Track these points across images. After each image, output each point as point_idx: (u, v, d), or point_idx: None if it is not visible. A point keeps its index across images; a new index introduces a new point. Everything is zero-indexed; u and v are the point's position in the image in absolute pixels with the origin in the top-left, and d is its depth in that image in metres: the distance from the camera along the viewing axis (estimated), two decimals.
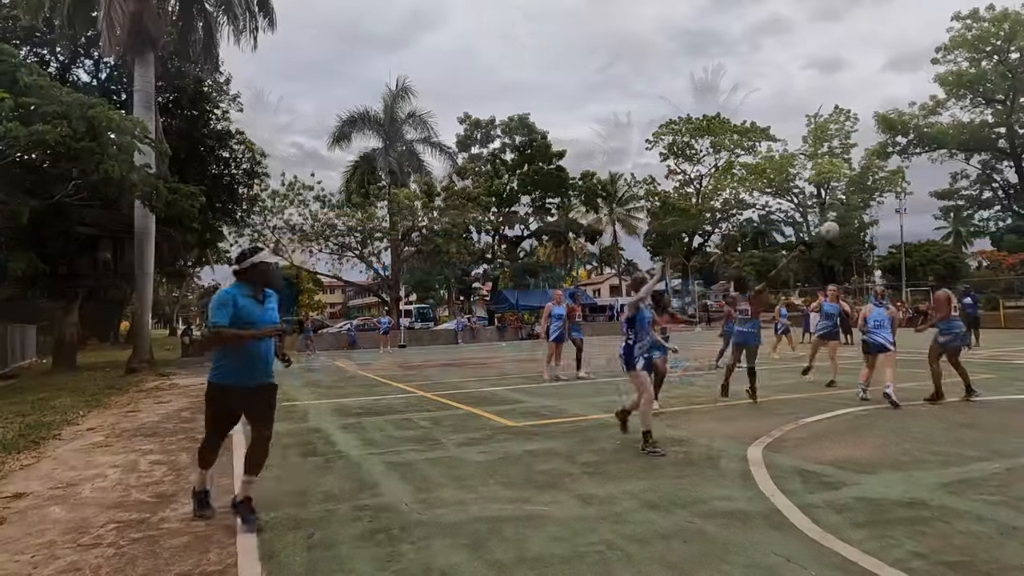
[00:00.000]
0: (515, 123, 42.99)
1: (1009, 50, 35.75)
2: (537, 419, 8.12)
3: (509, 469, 5.57)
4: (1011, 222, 42.39)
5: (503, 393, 11.00)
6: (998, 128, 37.37)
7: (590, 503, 4.50)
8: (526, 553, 3.61)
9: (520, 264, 48.25)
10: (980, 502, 4.27)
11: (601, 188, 48.04)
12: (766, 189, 46.71)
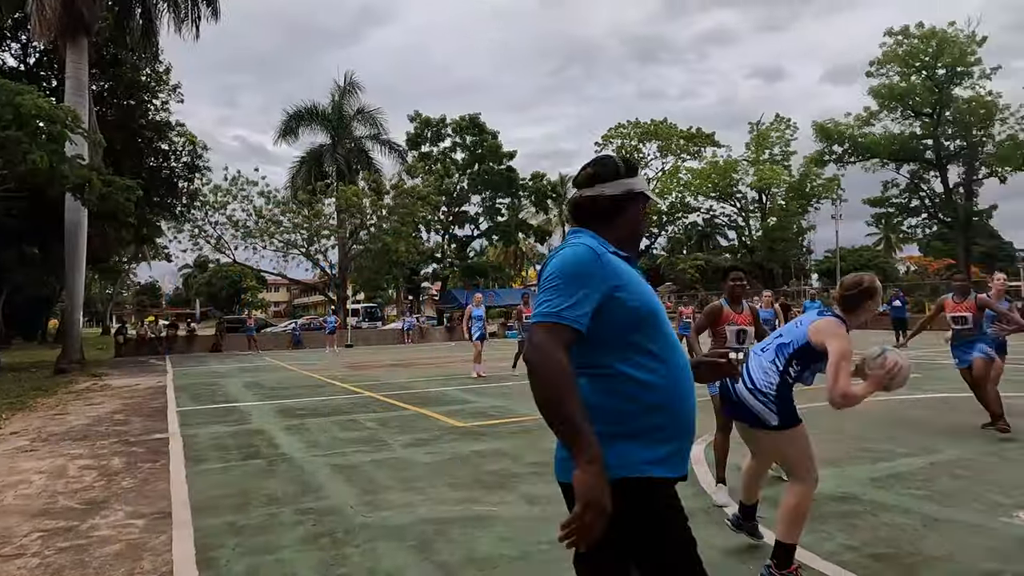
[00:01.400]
0: (466, 123, 42.82)
1: (936, 66, 37.65)
2: (485, 419, 8.12)
3: (457, 470, 5.55)
4: (936, 230, 44.67)
5: (451, 393, 10.95)
6: (925, 140, 39.28)
7: (537, 503, 4.52)
8: (474, 554, 3.61)
9: (470, 264, 48.14)
10: (907, 496, 4.48)
11: (551, 189, 48.36)
12: (711, 193, 47.84)
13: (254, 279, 61.02)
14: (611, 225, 1.84)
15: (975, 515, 4.03)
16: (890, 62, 38.79)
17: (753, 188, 46.62)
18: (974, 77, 37.66)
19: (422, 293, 52.58)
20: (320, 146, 38.78)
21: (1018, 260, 72.17)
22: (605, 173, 1.84)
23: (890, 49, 38.58)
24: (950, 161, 39.53)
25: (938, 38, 37.20)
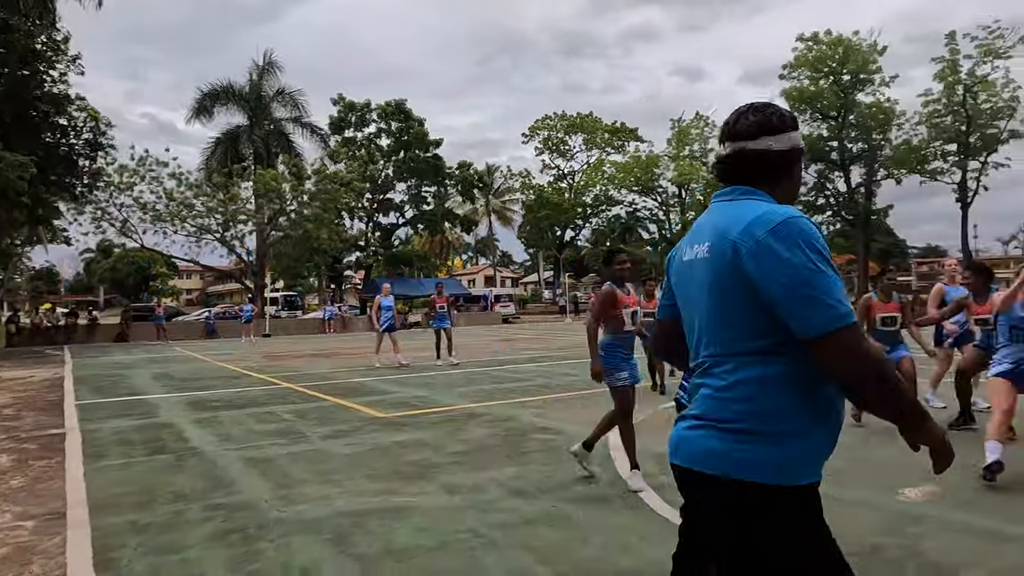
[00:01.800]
0: (392, 108, 41.99)
1: (842, 72, 39.94)
2: (407, 410, 8.05)
3: (376, 461, 5.47)
4: (840, 227, 47.58)
5: (373, 384, 10.78)
6: (832, 142, 41.66)
7: (457, 492, 4.52)
8: (392, 545, 3.57)
9: (395, 252, 47.45)
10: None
11: (478, 179, 48.22)
12: (633, 187, 49.05)
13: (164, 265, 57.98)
14: (777, 186, 1.59)
15: (866, 493, 4.32)
16: (801, 66, 40.82)
17: (673, 183, 48.09)
18: (875, 84, 40.20)
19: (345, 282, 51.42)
20: (237, 127, 37.17)
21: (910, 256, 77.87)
22: (774, 124, 1.58)
23: (801, 54, 40.58)
24: (853, 162, 42.08)
25: (844, 46, 39.42)
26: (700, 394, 1.56)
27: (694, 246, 1.63)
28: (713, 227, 1.55)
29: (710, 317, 1.54)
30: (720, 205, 1.60)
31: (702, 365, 1.57)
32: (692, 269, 1.62)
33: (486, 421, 7.20)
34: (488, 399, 8.81)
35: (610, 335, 4.63)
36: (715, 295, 1.52)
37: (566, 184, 51.98)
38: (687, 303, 1.68)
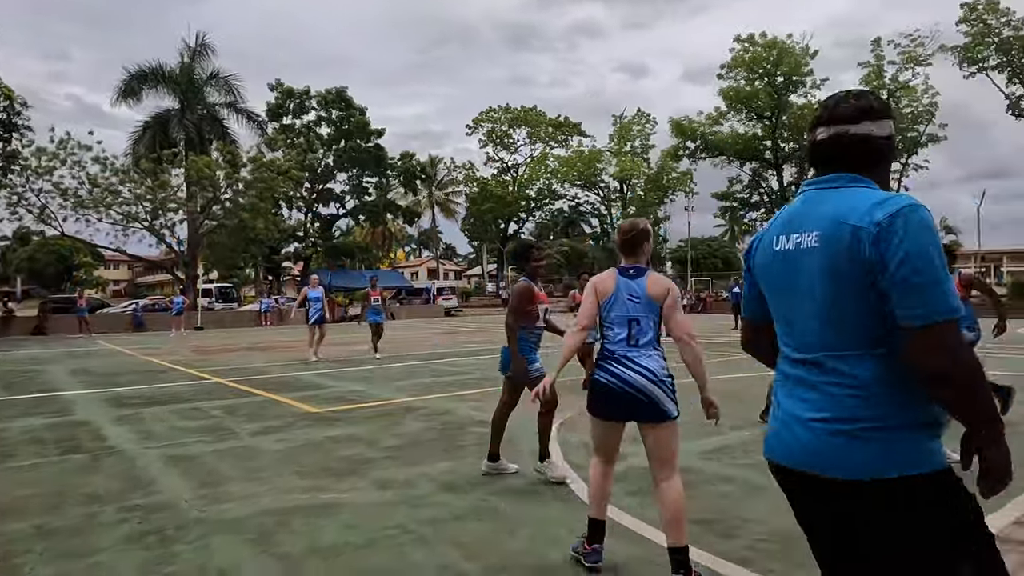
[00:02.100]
0: (332, 96, 41.07)
1: (776, 74, 41.35)
2: (342, 404, 7.90)
3: (307, 457, 5.34)
4: None
5: (308, 378, 10.55)
6: (766, 141, 43.14)
7: (389, 488, 4.46)
8: (318, 543, 3.49)
9: (335, 244, 46.56)
10: (731, 466, 4.91)
11: (421, 170, 47.82)
12: (576, 181, 49.58)
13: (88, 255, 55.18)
14: (875, 172, 1.53)
15: None
16: (738, 67, 42.03)
17: (615, 178, 48.85)
18: (807, 86, 41.79)
19: (283, 273, 50.16)
20: (167, 111, 35.61)
21: None
22: (875, 109, 1.53)
23: (738, 55, 41.78)
24: (785, 161, 43.66)
25: (778, 48, 40.80)
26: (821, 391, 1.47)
27: (791, 235, 1.56)
28: (823, 214, 1.49)
29: (823, 307, 1.48)
30: (824, 192, 1.53)
31: (810, 358, 1.51)
32: (790, 259, 1.56)
33: (423, 415, 7.14)
34: (426, 393, 8.74)
35: (522, 331, 4.54)
36: (831, 284, 1.45)
37: (510, 177, 52.08)
38: (780, 293, 1.62)
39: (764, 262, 1.66)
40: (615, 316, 3.14)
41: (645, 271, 3.17)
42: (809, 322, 1.52)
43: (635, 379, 3.05)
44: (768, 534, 3.51)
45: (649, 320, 3.13)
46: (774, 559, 3.19)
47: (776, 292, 1.64)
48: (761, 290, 1.71)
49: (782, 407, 1.57)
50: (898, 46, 37.13)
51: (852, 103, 1.54)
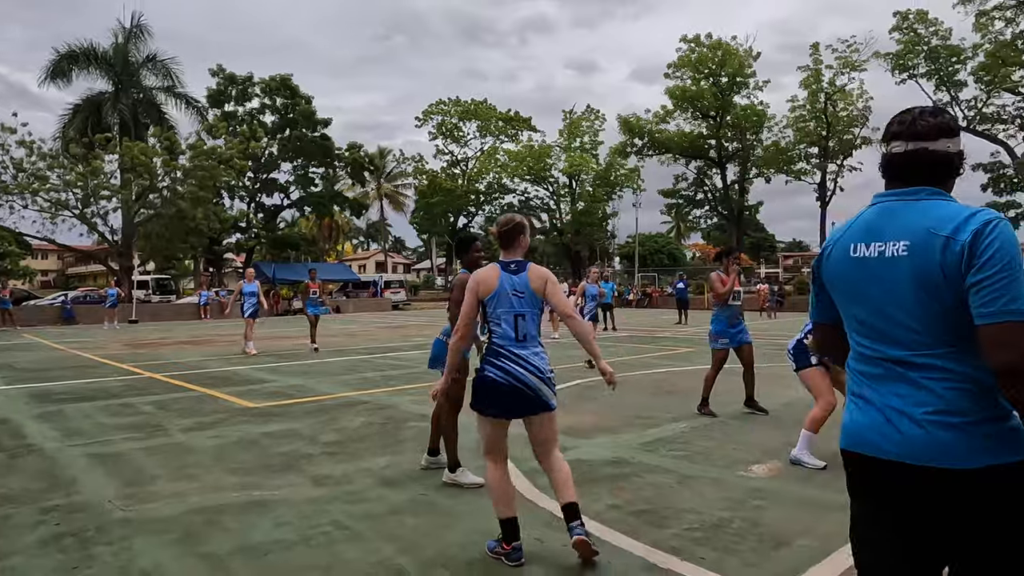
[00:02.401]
0: (276, 83, 39.91)
1: (720, 74, 42.29)
2: (281, 399, 7.72)
3: (241, 454, 5.20)
4: (716, 221, 50.60)
5: (247, 372, 10.27)
6: (710, 140, 44.08)
7: (324, 484, 4.38)
8: (247, 542, 3.40)
9: (279, 235, 45.40)
10: (668, 457, 5.01)
11: (369, 161, 47.04)
12: (526, 176, 49.62)
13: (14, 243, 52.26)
14: (948, 186, 1.63)
15: (719, 471, 4.61)
16: (684, 66, 42.77)
17: (564, 173, 49.10)
18: (750, 88, 42.86)
19: (225, 265, 48.67)
20: (100, 93, 34.00)
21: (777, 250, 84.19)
22: (950, 127, 1.62)
23: (685, 55, 42.52)
24: (728, 160, 44.75)
25: (723, 49, 41.70)
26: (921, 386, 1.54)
27: (871, 243, 1.64)
28: (910, 225, 1.57)
29: (915, 309, 1.55)
30: (906, 204, 1.61)
31: (902, 356, 1.58)
32: (871, 265, 1.63)
33: (365, 409, 7.05)
34: (370, 387, 8.63)
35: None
36: (922, 288, 1.53)
37: (460, 170, 51.76)
38: (860, 296, 1.67)
39: (840, 269, 1.72)
40: (502, 312, 3.16)
41: (526, 265, 3.22)
42: (899, 323, 1.59)
43: (527, 377, 3.12)
44: (699, 523, 3.59)
45: (534, 314, 3.20)
46: (703, 546, 3.27)
47: (855, 296, 1.69)
48: (831, 295, 1.78)
49: (873, 403, 1.62)
50: (835, 51, 38.46)
51: (930, 121, 1.62)
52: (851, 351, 1.73)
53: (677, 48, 42.93)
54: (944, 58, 34.55)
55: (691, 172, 46.30)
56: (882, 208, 1.67)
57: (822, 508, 3.82)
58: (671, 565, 3.06)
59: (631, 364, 10.69)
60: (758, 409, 6.60)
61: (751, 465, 4.73)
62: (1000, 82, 32.64)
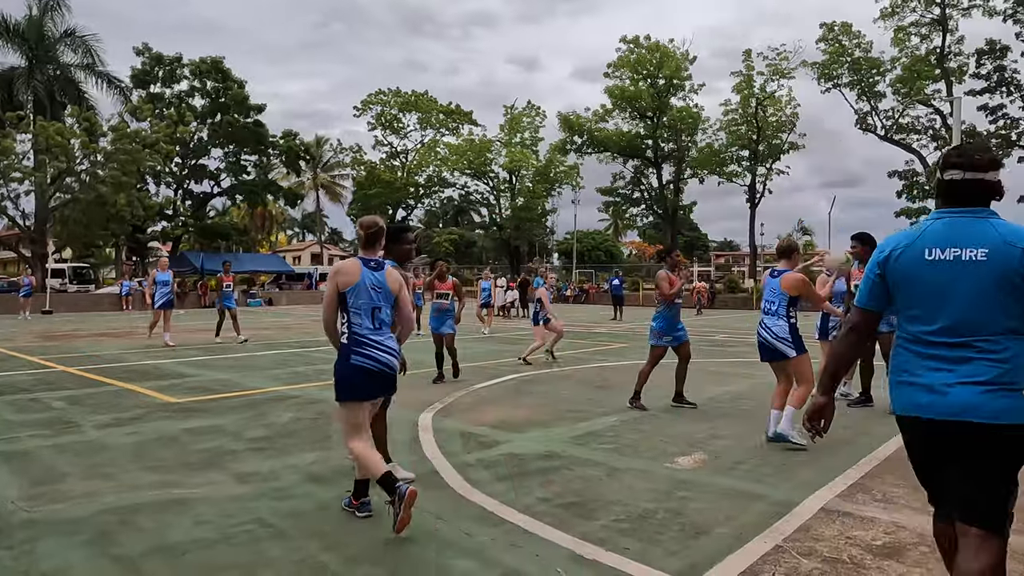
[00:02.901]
0: (207, 66, 38.28)
1: (658, 76, 43.23)
2: (205, 394, 7.44)
3: (160, 451, 4.99)
4: (652, 219, 51.75)
5: (170, 366, 9.85)
6: (647, 140, 45.02)
7: (249, 481, 4.25)
8: (164, 542, 3.26)
9: (209, 224, 43.67)
10: (598, 450, 5.10)
11: (305, 150, 45.74)
12: (466, 170, 49.40)
13: None
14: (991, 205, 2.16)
15: (646, 463, 4.73)
16: (624, 67, 43.51)
17: (505, 169, 49.15)
18: (686, 90, 44.01)
19: (149, 254, 46.46)
20: (11, 69, 31.82)
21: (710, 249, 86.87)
22: (999, 162, 2.19)
23: (624, 55, 43.25)
24: (664, 160, 45.83)
25: (661, 51, 42.63)
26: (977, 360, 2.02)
27: (947, 249, 2.09)
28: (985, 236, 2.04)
29: (980, 308, 2.03)
30: (970, 220, 2.09)
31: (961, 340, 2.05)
32: (944, 267, 2.08)
33: (294, 404, 6.88)
34: (301, 381, 8.44)
35: None
36: (995, 288, 2.01)
37: (399, 162, 51.07)
38: (929, 291, 2.11)
39: (913, 268, 2.16)
40: (362, 304, 3.47)
41: (384, 264, 3.60)
42: (963, 313, 2.05)
43: (390, 360, 3.54)
44: (625, 514, 3.67)
45: (388, 307, 3.57)
46: (629, 537, 3.35)
47: (924, 291, 2.14)
48: (891, 290, 2.23)
49: (923, 376, 2.11)
50: (766, 58, 39.95)
51: (984, 156, 2.12)
52: (902, 336, 2.22)
53: (617, 48, 43.67)
54: (865, 69, 36.39)
55: (628, 171, 47.19)
56: (950, 222, 2.13)
57: (743, 498, 3.96)
58: (597, 556, 3.11)
59: (566, 359, 10.83)
60: (686, 403, 6.78)
61: (677, 457, 4.87)
62: (915, 94, 34.64)
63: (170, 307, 12.90)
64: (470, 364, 10.13)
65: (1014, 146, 32.26)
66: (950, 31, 33.98)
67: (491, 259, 63.77)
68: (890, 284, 2.23)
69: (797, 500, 3.90)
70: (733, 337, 15.77)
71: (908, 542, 3.30)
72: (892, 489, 4.13)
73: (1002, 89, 32.53)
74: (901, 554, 3.16)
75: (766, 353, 5.48)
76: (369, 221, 3.62)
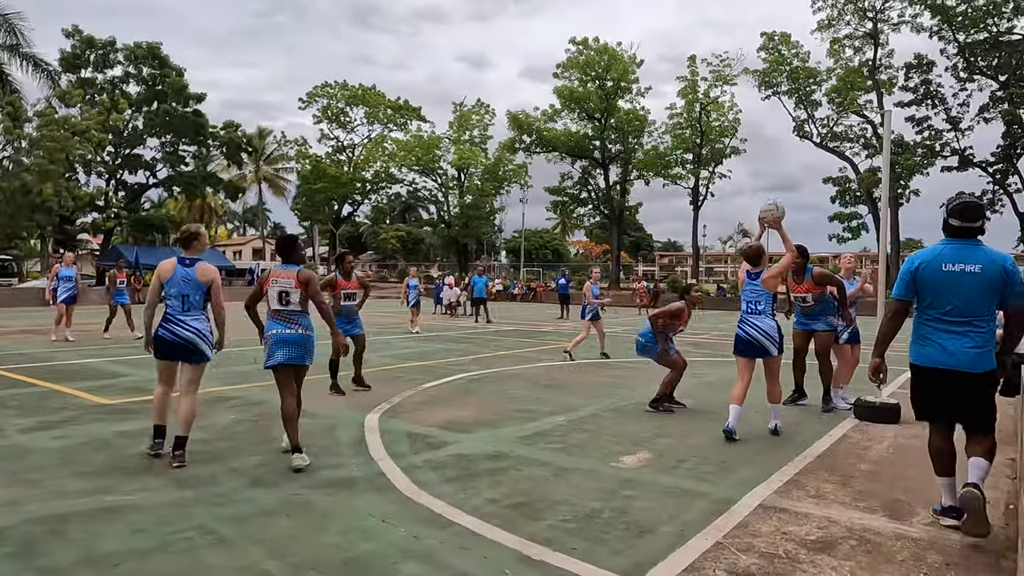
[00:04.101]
0: (143, 51, 36.73)
1: (606, 78, 43.84)
2: (140, 395, 7.15)
3: (91, 456, 4.77)
4: (599, 219, 52.44)
5: (102, 365, 9.43)
6: (595, 141, 45.62)
7: (189, 486, 4.11)
8: (95, 552, 3.12)
9: (143, 216, 42.00)
10: (546, 450, 5.14)
11: (247, 142, 44.45)
12: (414, 166, 48.94)
13: None
14: None
15: (593, 462, 4.80)
16: (572, 68, 43.93)
17: (453, 166, 48.93)
18: (633, 93, 44.76)
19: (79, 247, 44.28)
20: None
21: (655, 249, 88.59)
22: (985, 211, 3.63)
23: (573, 56, 43.66)
24: (611, 162, 46.52)
25: (609, 54, 43.23)
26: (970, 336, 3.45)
27: (956, 263, 3.48)
28: (980, 257, 3.45)
29: (975, 301, 3.45)
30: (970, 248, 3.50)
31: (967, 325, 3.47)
32: (955, 275, 3.48)
33: (236, 405, 6.70)
34: (243, 381, 8.21)
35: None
36: (987, 291, 3.43)
37: (345, 157, 50.19)
38: (945, 290, 3.51)
39: (934, 275, 3.53)
40: (174, 292, 4.67)
41: (196, 261, 4.73)
42: (966, 304, 3.46)
43: (185, 335, 4.64)
44: (572, 514, 3.72)
45: (198, 295, 4.71)
46: (576, 537, 3.39)
47: (942, 290, 3.52)
48: (919, 286, 3.60)
49: (933, 342, 3.54)
50: (710, 65, 41.04)
51: (978, 209, 3.54)
52: (922, 317, 3.64)
53: (566, 49, 44.03)
54: (803, 79, 37.79)
55: (576, 171, 47.70)
56: (956, 247, 3.53)
57: (685, 496, 4.07)
58: (544, 556, 3.14)
59: (514, 358, 10.88)
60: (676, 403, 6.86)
61: (623, 456, 4.96)
62: (849, 104, 36.18)
63: (73, 303, 12.93)
64: (418, 363, 10.07)
65: (937, 156, 34.09)
66: (881, 45, 35.68)
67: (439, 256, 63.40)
68: (917, 283, 3.60)
69: (736, 497, 4.03)
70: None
71: (839, 536, 3.45)
72: (824, 485, 4.31)
73: (927, 102, 34.32)
74: (833, 548, 3.30)
75: (751, 350, 5.67)
76: (185, 227, 4.89)
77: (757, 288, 5.68)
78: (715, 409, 6.66)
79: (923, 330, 3.58)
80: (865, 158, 36.42)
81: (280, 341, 4.57)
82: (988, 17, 31.60)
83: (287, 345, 4.57)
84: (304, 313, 4.70)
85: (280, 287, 4.65)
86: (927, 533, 3.51)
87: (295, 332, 4.61)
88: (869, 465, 4.83)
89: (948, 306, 3.49)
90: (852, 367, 7.16)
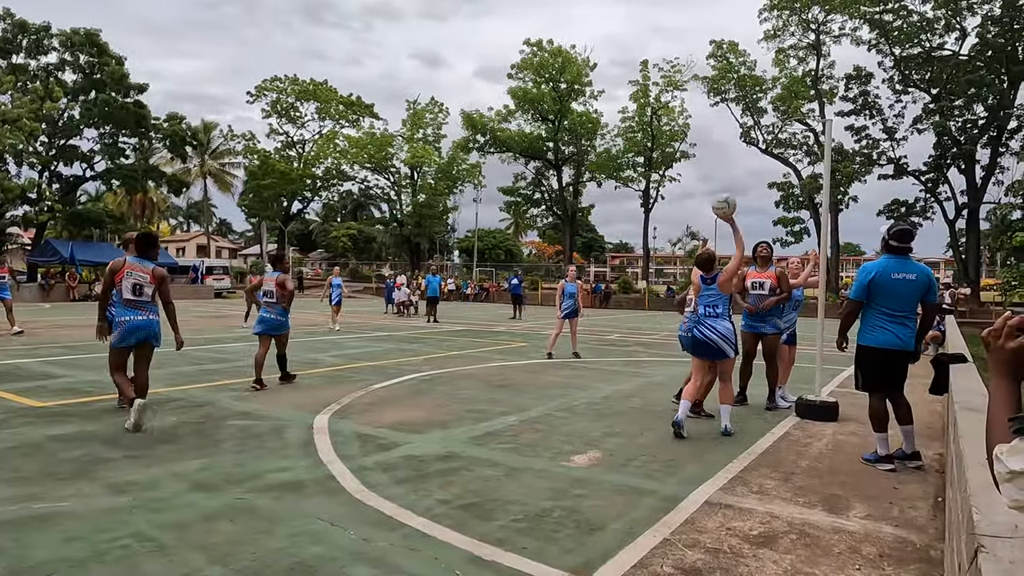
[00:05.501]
0: (81, 38, 35.11)
1: (560, 80, 44.19)
2: (75, 397, 6.86)
3: (20, 461, 4.54)
4: (552, 220, 52.82)
5: (33, 366, 9.00)
6: (548, 142, 45.95)
7: (126, 492, 3.96)
8: (25, 562, 2.97)
9: (79, 210, 40.15)
10: (497, 450, 5.15)
11: (192, 136, 43.00)
12: (366, 164, 48.29)
13: None
14: None
15: (544, 462, 4.83)
16: (527, 69, 44.11)
17: (406, 164, 48.50)
18: (586, 96, 45.23)
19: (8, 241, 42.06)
20: None
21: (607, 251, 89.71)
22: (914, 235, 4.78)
23: (527, 58, 43.85)
24: (564, 163, 46.89)
25: (563, 56, 43.57)
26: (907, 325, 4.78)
27: (901, 272, 4.76)
28: (917, 268, 4.80)
29: (911, 300, 4.79)
30: (908, 261, 4.82)
31: (906, 317, 4.77)
32: (901, 282, 4.74)
33: (178, 407, 6.48)
34: (184, 382, 7.95)
35: None
36: (919, 294, 4.79)
37: (295, 153, 49.14)
38: (894, 293, 4.74)
39: (887, 281, 4.74)
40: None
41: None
42: (906, 302, 4.77)
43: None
44: (523, 514, 3.73)
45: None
46: (527, 536, 3.41)
47: (892, 292, 4.74)
48: (873, 290, 4.77)
49: (887, 330, 4.74)
50: (661, 70, 41.79)
51: (910, 233, 4.82)
52: (875, 312, 4.81)
53: (521, 51, 44.18)
54: (749, 87, 38.85)
55: (530, 172, 47.92)
56: (898, 261, 4.80)
57: (634, 494, 4.14)
58: (496, 557, 3.15)
59: (466, 358, 10.85)
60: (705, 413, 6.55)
61: (573, 456, 5.01)
62: (792, 113, 37.38)
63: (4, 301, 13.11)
64: (369, 363, 9.94)
65: (874, 164, 35.54)
66: (823, 56, 36.95)
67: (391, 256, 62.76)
68: (872, 288, 4.78)
69: (683, 495, 4.11)
70: (627, 336, 16.40)
71: (780, 531, 3.57)
72: (766, 481, 4.45)
73: (866, 112, 35.73)
74: (774, 542, 3.41)
75: (708, 352, 5.80)
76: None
77: (714, 292, 5.85)
78: (664, 408, 6.79)
79: (876, 321, 4.79)
80: (808, 164, 37.68)
81: (134, 328, 5.62)
82: (922, 32, 33.09)
83: (139, 330, 5.65)
84: (153, 304, 5.75)
85: (135, 280, 5.62)
86: (863, 526, 3.66)
87: (145, 318, 5.68)
88: (809, 461, 5.00)
89: (895, 304, 4.75)
90: (789, 366, 7.42)
